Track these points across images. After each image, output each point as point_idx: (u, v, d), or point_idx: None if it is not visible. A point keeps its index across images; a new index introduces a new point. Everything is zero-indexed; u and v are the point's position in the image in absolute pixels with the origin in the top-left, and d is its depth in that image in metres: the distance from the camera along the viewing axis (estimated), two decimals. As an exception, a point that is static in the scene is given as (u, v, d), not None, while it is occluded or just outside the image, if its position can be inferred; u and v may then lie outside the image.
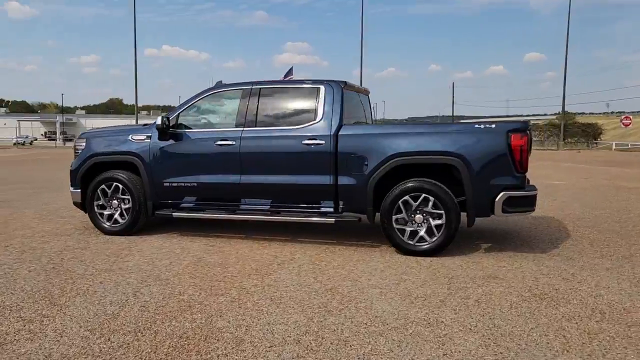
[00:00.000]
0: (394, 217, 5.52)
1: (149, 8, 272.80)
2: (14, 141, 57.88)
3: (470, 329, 3.59)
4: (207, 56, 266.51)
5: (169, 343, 3.33)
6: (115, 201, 6.46)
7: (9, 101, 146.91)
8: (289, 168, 5.87)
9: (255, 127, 5.99)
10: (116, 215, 6.47)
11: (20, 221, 7.52)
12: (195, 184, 6.19)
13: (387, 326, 3.62)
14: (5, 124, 76.07)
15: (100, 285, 4.50)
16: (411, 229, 5.51)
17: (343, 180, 5.69)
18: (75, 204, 6.71)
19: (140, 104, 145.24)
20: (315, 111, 5.82)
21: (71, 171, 6.66)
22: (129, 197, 6.36)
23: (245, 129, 6.01)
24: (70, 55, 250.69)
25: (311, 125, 5.78)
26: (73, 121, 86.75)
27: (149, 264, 5.18)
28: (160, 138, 6.22)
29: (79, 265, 5.14)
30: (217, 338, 3.42)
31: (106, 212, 6.51)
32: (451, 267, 5.11)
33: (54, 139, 69.02)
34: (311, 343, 3.35)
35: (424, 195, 5.41)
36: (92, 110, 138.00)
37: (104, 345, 3.30)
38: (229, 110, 6.33)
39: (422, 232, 5.48)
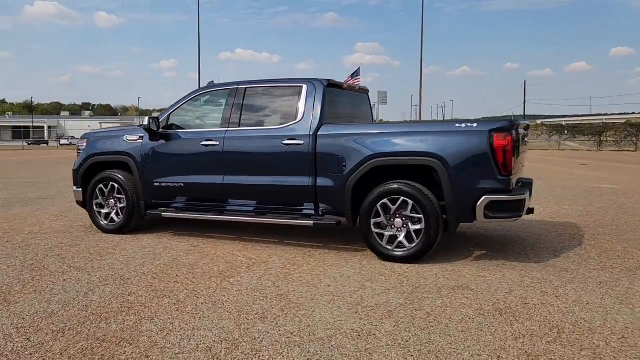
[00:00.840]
0: (372, 221, 5.27)
1: (224, 14, 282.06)
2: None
3: (399, 343, 3.32)
4: (278, 58, 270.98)
5: (82, 345, 3.30)
6: (112, 200, 6.60)
7: (94, 105, 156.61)
8: (270, 169, 5.75)
9: (239, 127, 5.92)
10: (112, 214, 6.62)
11: (38, 218, 7.86)
12: (183, 184, 6.20)
13: (313, 337, 3.42)
14: (89, 126, 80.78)
15: (62, 283, 4.58)
16: (390, 233, 5.23)
17: (322, 181, 5.50)
18: (77, 202, 6.92)
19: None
20: (296, 111, 5.67)
21: (73, 170, 6.88)
22: (124, 196, 6.48)
23: (229, 129, 5.95)
24: (152, 60, 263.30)
25: (291, 125, 5.64)
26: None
27: (122, 263, 5.22)
28: (151, 138, 6.29)
29: (57, 262, 5.27)
30: (131, 342, 3.35)
31: (104, 211, 6.67)
32: (425, 274, 4.79)
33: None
34: (221, 352, 3.21)
35: (402, 198, 5.12)
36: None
37: (19, 345, 3.32)
38: (216, 111, 6.30)
39: (401, 237, 5.19)
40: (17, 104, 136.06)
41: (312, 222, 5.53)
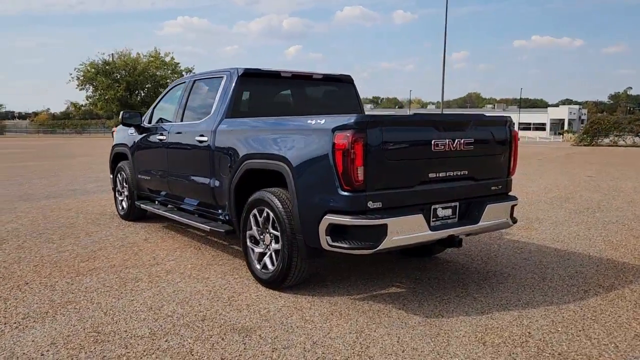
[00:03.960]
0: (247, 233, 4.49)
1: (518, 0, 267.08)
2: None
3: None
4: (580, 43, 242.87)
5: None
6: (125, 189, 7.09)
7: (383, 98, 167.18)
8: (189, 166, 5.39)
9: (181, 121, 5.68)
10: (123, 202, 7.11)
11: (94, 203, 8.67)
12: (149, 178, 6.28)
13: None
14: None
15: (-25, 259, 5.17)
16: (259, 250, 4.39)
17: (216, 183, 4.92)
18: (112, 189, 7.62)
19: (500, 97, 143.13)
20: (212, 104, 5.16)
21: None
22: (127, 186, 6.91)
23: (174, 123, 5.77)
24: (441, 52, 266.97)
25: (204, 119, 5.16)
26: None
27: (61, 250, 5.51)
28: (137, 132, 6.51)
29: (25, 239, 5.92)
30: None
31: (120, 198, 7.21)
32: (250, 305, 3.89)
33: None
34: None
35: (265, 209, 4.22)
36: (450, 104, 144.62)
37: None
38: (175, 105, 6.13)
39: (266, 257, 4.30)
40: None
41: (208, 227, 4.99)
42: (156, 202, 6.41)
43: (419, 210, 3.77)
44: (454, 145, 3.92)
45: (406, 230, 3.66)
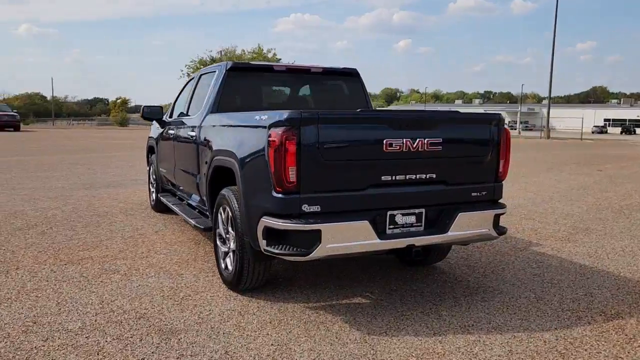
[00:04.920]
0: (217, 232, 4.39)
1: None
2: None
3: None
4: None
5: None
6: (154, 181, 7.30)
7: (495, 93, 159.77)
8: (185, 161, 5.39)
9: (187, 115, 5.70)
10: (153, 194, 7.33)
11: (142, 194, 8.82)
12: (166, 171, 6.39)
13: None
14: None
15: (-5, 242, 5.57)
16: (224, 249, 4.27)
17: (200, 178, 4.87)
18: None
19: (630, 91, 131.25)
20: (205, 98, 5.11)
21: (148, 152, 7.86)
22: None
23: (182, 118, 5.81)
24: (566, 44, 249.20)
25: (197, 114, 5.13)
26: (535, 111, 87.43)
27: (71, 238, 5.84)
28: (160, 126, 6.65)
29: (53, 223, 6.31)
30: None
31: (151, 190, 7.45)
32: (197, 308, 3.78)
33: (514, 128, 71.69)
34: None
35: (227, 208, 4.09)
36: (570, 99, 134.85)
37: None
38: (185, 99, 6.14)
39: (227, 257, 4.18)
40: (428, 94, 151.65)
41: (193, 222, 4.95)
42: (176, 196, 6.50)
43: (367, 216, 3.43)
44: (415, 146, 3.51)
45: (346, 237, 3.34)
